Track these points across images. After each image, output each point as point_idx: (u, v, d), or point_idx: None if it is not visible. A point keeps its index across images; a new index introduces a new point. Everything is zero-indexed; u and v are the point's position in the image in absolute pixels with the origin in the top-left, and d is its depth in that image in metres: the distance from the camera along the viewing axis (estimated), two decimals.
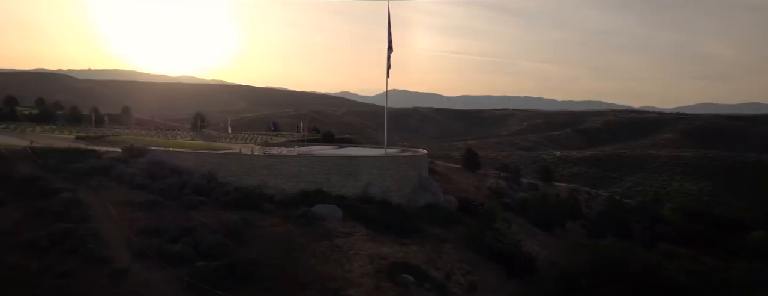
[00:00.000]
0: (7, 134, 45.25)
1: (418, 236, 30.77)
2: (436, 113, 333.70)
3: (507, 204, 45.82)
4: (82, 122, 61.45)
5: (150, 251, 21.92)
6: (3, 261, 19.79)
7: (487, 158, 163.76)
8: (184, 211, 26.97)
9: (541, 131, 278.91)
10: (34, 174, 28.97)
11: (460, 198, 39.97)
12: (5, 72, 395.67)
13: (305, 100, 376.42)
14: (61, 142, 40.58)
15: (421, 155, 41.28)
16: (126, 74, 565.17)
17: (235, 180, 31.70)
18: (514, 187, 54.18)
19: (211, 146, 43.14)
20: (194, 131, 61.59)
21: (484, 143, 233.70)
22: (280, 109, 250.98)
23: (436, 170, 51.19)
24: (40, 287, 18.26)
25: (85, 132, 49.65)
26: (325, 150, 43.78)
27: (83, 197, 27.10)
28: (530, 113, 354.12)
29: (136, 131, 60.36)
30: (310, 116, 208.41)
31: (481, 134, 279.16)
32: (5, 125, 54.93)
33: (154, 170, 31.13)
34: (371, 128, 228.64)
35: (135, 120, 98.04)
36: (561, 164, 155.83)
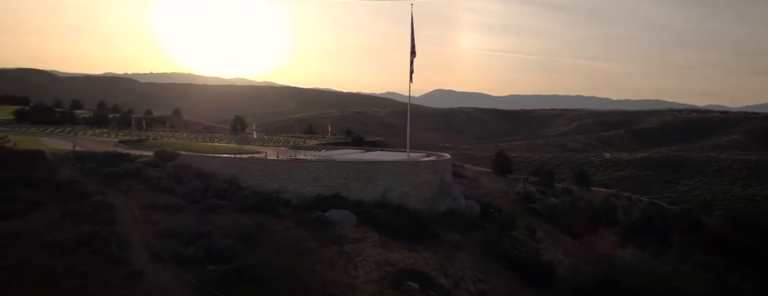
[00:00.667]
0: (59, 138, 48.79)
1: (433, 242, 30.81)
2: (482, 113, 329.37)
3: (535, 210, 44.95)
4: (130, 125, 65.24)
5: (165, 253, 23.21)
6: (31, 261, 21.51)
7: (531, 159, 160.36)
8: (203, 214, 28.25)
9: (592, 131, 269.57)
10: (72, 177, 31.22)
11: (483, 204, 39.53)
12: (78, 76, 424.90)
13: (351, 101, 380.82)
14: (103, 145, 43.28)
15: (443, 159, 41.14)
16: (183, 76, 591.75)
17: (256, 184, 32.85)
18: (546, 192, 52.91)
19: (241, 150, 44.81)
20: (233, 134, 63.95)
21: (529, 144, 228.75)
22: (325, 110, 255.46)
23: (463, 174, 50.85)
24: (58, 287, 19.70)
25: (128, 135, 52.82)
26: (349, 154, 44.43)
27: (113, 200, 28.95)
28: (580, 112, 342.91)
29: (177, 133, 63.39)
30: (354, 116, 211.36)
31: (528, 135, 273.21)
32: (61, 129, 59.19)
33: (181, 174, 32.76)
34: (414, 129, 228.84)
35: (184, 122, 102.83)
36: (610, 166, 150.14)
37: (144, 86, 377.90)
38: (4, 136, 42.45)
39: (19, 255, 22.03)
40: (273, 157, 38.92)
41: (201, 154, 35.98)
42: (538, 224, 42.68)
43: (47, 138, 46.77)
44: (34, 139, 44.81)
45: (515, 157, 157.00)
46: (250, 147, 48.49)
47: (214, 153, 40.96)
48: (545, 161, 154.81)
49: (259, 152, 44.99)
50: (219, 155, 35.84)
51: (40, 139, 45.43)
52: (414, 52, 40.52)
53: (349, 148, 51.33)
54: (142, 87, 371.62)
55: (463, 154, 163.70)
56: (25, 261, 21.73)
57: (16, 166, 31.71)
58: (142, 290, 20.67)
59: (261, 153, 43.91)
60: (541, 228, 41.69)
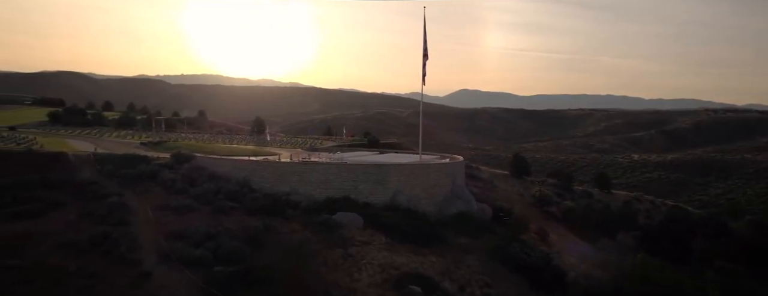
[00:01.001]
0: (85, 139, 50.59)
1: (441, 245, 30.77)
2: (506, 113, 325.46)
3: (550, 213, 44.33)
4: (155, 126, 67.06)
5: (174, 255, 23.87)
6: (46, 260, 22.44)
7: (556, 160, 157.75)
8: (214, 216, 28.88)
9: (621, 132, 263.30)
10: (91, 179, 32.40)
11: (496, 207, 39.23)
12: (113, 78, 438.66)
13: (374, 101, 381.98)
14: (126, 147, 44.68)
15: (455, 162, 40.96)
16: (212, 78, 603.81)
17: (268, 186, 33.43)
18: (564, 195, 52.09)
19: (258, 151, 45.55)
20: (253, 136, 65.05)
21: (555, 145, 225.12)
22: (348, 110, 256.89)
23: (479, 176, 50.49)
24: (68, 287, 20.44)
25: (150, 137, 54.34)
26: (362, 156, 44.66)
27: (128, 201, 29.90)
28: (609, 112, 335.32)
29: (198, 135, 64.81)
30: (376, 117, 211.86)
31: (554, 135, 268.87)
32: (88, 131, 61.27)
33: (195, 176, 33.59)
34: (437, 130, 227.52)
35: (209, 123, 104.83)
36: (638, 168, 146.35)
37: (174, 87, 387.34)
38: (33, 138, 44.31)
39: (35, 255, 22.98)
40: (286, 159, 39.41)
41: (215, 156, 36.79)
42: (553, 227, 42.11)
43: (74, 140, 48.57)
44: (60, 141, 46.58)
45: (540, 158, 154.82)
46: (267, 149, 49.26)
47: (230, 155, 41.83)
48: (570, 162, 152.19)
49: (275, 154, 45.66)
50: (232, 158, 36.58)
51: (67, 141, 47.19)
52: (426, 55, 40.53)
53: (364, 150, 51.54)
54: (172, 89, 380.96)
55: (486, 155, 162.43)
56: (40, 260, 22.64)
57: (39, 167, 33.08)
58: (148, 291, 21.22)
59: (277, 155, 44.57)
60: (555, 232, 41.12)
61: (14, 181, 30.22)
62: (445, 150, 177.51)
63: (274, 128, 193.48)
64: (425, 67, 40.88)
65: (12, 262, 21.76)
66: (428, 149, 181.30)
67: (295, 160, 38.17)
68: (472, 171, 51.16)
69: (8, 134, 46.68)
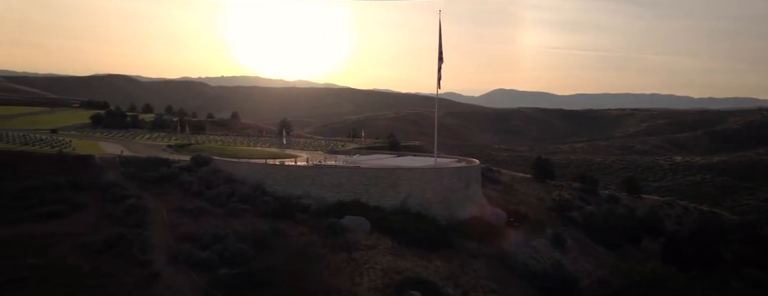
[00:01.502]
0: (117, 141, 52.97)
1: (449, 250, 30.68)
2: (542, 113, 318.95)
3: (570, 218, 43.41)
4: (181, 129, 69.48)
5: (182, 256, 24.83)
6: (63, 260, 23.75)
7: (592, 162, 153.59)
8: (225, 219, 29.80)
9: (664, 133, 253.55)
10: (114, 181, 34.00)
11: (510, 212, 38.76)
12: (158, 81, 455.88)
13: (408, 101, 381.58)
14: (153, 150, 46.56)
15: (469, 166, 40.66)
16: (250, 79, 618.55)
17: (281, 189, 34.18)
18: (588, 199, 50.83)
19: (277, 154, 46.55)
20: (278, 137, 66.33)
21: (592, 147, 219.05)
22: (381, 111, 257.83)
23: (499, 179, 49.94)
24: (81, 286, 21.59)
25: (177, 139, 56.42)
26: (379, 159, 44.94)
27: (147, 202, 31.22)
28: (652, 112, 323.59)
29: (225, 137, 66.68)
30: (408, 118, 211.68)
31: (592, 136, 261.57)
32: (122, 133, 64.09)
33: (211, 179, 34.71)
34: (468, 130, 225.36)
35: (241, 125, 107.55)
36: (680, 171, 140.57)
37: (214, 89, 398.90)
38: (68, 141, 46.86)
39: (55, 254, 24.39)
40: (303, 162, 40.13)
41: (232, 159, 37.84)
42: (572, 233, 41.22)
43: (106, 142, 50.95)
44: (94, 143, 48.96)
45: (575, 160, 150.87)
46: (288, 151, 50.26)
47: (250, 157, 42.93)
48: (607, 164, 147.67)
49: (294, 157, 46.56)
50: (247, 161, 37.51)
51: (100, 143, 49.55)
52: (441, 59, 40.35)
53: (383, 153, 51.82)
54: (212, 90, 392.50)
55: (518, 156, 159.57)
56: (59, 259, 24.02)
57: (68, 170, 34.97)
58: (155, 291, 22.14)
59: (296, 157, 45.43)
60: (573, 238, 40.24)
61: (43, 182, 32.09)
62: (476, 151, 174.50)
63: (306, 128, 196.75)
64: (440, 70, 40.68)
65: (33, 261, 23.18)
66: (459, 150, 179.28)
67: (307, 163, 38.79)
68: (492, 174, 50.65)
69: (47, 137, 49.47)
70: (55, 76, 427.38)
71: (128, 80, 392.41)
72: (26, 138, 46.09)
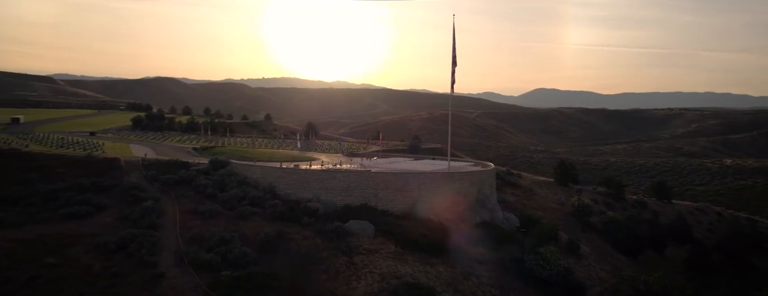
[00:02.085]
0: (147, 144, 55.34)
1: (454, 256, 30.57)
2: (583, 114, 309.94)
3: (590, 224, 42.30)
4: (204, 132, 71.78)
5: (187, 258, 25.87)
6: (79, 260, 25.19)
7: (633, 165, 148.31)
8: (234, 221, 30.72)
9: (716, 133, 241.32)
10: (135, 183, 35.61)
11: (523, 217, 38.17)
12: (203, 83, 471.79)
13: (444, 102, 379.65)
14: (178, 152, 48.41)
15: (482, 170, 40.30)
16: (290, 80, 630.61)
17: (292, 193, 34.94)
18: (613, 204, 49.30)
19: (296, 157, 47.50)
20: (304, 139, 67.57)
21: (635, 148, 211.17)
22: (415, 111, 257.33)
23: (518, 184, 49.16)
24: (91, 285, 22.82)
25: (202, 142, 58.44)
26: (395, 163, 45.16)
27: (163, 205, 32.59)
28: (703, 112, 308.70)
29: (254, 139, 68.41)
30: (442, 118, 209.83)
31: (636, 137, 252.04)
32: (154, 136, 66.87)
33: (226, 182, 35.83)
34: (505, 131, 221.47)
35: (273, 127, 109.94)
36: (730, 174, 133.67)
37: (254, 90, 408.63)
38: (101, 143, 49.44)
39: (72, 254, 25.89)
40: (318, 165, 40.80)
41: (247, 163, 38.87)
42: (590, 239, 40.21)
43: (137, 145, 53.33)
44: (124, 145, 51.34)
45: (614, 162, 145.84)
46: (308, 154, 51.18)
47: (270, 160, 44.00)
48: (650, 166, 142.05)
49: (314, 159, 47.45)
50: (262, 164, 38.43)
51: (131, 145, 51.91)
52: (455, 62, 40.16)
53: (402, 156, 51.97)
54: (253, 91, 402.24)
55: (554, 157, 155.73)
56: (75, 259, 25.47)
57: (94, 172, 36.89)
58: (158, 291, 23.11)
59: (313, 160, 46.27)
60: (591, 244, 39.24)
61: (70, 185, 34.04)
62: (511, 152, 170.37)
63: (342, 129, 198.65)
64: (454, 74, 40.51)
65: (51, 260, 24.73)
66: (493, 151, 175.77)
67: (321, 167, 39.42)
68: (511, 178, 49.90)
69: (83, 140, 52.30)
70: (110, 79, 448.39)
71: (175, 83, 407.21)
72: (63, 141, 48.91)
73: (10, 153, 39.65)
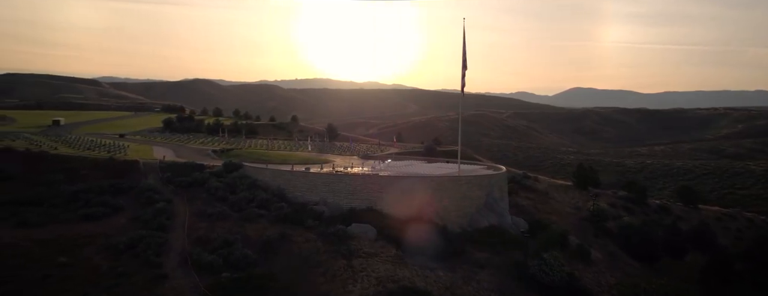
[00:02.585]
0: (171, 146, 57.28)
1: (456, 260, 30.55)
2: (620, 114, 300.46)
3: (605, 229, 41.34)
4: (221, 134, 73.43)
5: (190, 259, 26.75)
6: (89, 260, 26.39)
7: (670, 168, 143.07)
8: (240, 223, 31.55)
9: (764, 135, 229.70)
10: (151, 185, 37.03)
11: (533, 221, 37.67)
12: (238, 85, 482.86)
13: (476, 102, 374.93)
14: (198, 154, 49.90)
15: (491, 174, 39.93)
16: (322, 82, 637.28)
17: (300, 195, 35.59)
18: (634, 209, 47.94)
19: (310, 159, 48.25)
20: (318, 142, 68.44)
21: (673, 150, 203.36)
22: (445, 112, 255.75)
23: (534, 187, 48.44)
24: (96, 284, 23.84)
25: (225, 144, 59.97)
26: (408, 165, 45.27)
27: (175, 206, 33.76)
28: (751, 112, 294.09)
29: (275, 141, 69.74)
30: (471, 119, 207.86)
31: (676, 138, 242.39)
32: (178, 138, 69.05)
33: (237, 184, 36.79)
34: (536, 131, 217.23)
35: (299, 128, 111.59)
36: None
37: (286, 91, 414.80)
38: (126, 145, 51.55)
39: (84, 254, 27.08)
40: (328, 168, 41.35)
41: (259, 166, 39.71)
42: (604, 244, 39.34)
43: (160, 147, 55.27)
44: (148, 148, 53.33)
45: (650, 164, 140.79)
46: (324, 156, 51.86)
47: (284, 163, 44.83)
48: (688, 169, 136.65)
49: (327, 162, 48.10)
50: (272, 167, 39.15)
51: (154, 147, 53.87)
52: (465, 66, 39.95)
53: (416, 158, 52.02)
54: (285, 93, 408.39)
55: (587, 159, 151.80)
56: (86, 259, 26.65)
57: (114, 174, 38.55)
58: (160, 292, 23.88)
59: (329, 163, 46.94)
60: (605, 250, 38.38)
61: (91, 186, 35.69)
62: (541, 153, 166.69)
63: (371, 130, 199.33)
64: (464, 77, 40.31)
65: (62, 260, 25.96)
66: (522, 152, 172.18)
67: (326, 170, 39.85)
68: (527, 182, 49.19)
69: (111, 142, 54.61)
70: (151, 81, 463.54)
71: (210, 84, 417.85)
72: (92, 143, 51.20)
73: (40, 155, 41.87)
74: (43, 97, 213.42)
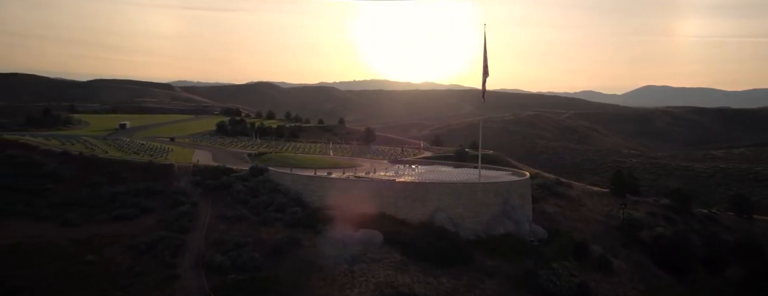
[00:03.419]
0: (209, 149, 60.32)
1: (462, 267, 30.43)
2: (695, 114, 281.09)
3: (637, 239, 39.41)
4: (254, 137, 75.86)
5: (201, 261, 28.34)
6: (113, 259, 28.61)
7: (746, 173, 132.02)
8: (256, 226, 32.93)
9: None
10: (182, 188, 39.40)
11: (552, 229, 36.61)
12: (296, 87, 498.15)
13: (536, 101, 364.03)
14: (233, 157, 52.37)
15: (510, 181, 39.09)
16: (379, 83, 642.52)
17: (317, 200, 36.54)
18: (675, 218, 45.21)
19: (337, 163, 49.30)
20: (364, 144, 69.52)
21: (755, 153, 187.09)
22: (500, 113, 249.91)
23: (565, 194, 46.88)
24: (113, 282, 25.81)
25: (265, 147, 62.31)
26: (432, 170, 45.29)
27: (199, 209, 35.77)
28: None
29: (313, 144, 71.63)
30: (527, 120, 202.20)
31: (759, 141, 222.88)
32: (221, 141, 72.55)
33: (258, 188, 38.36)
34: (598, 133, 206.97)
35: (346, 130, 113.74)
36: None
37: (343, 93, 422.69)
38: (169, 149, 55.05)
39: (109, 253, 29.31)
40: (350, 173, 42.16)
41: (282, 170, 40.99)
42: (631, 255, 37.53)
43: (202, 150, 58.44)
44: (190, 151, 56.56)
45: (725, 168, 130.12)
46: (356, 160, 52.79)
47: (311, 167, 46.09)
48: None
49: (356, 166, 49.04)
50: (297, 172, 40.19)
51: (196, 151, 57.09)
52: (486, 73, 39.52)
53: (445, 163, 51.71)
54: (341, 94, 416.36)
55: (652, 163, 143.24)
56: (110, 258, 28.80)
57: (150, 177, 41.38)
58: (169, 292, 25.49)
59: (357, 167, 47.87)
60: (632, 260, 36.62)
61: (128, 188, 38.59)
62: (599, 157, 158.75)
63: (424, 131, 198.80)
64: (485, 84, 39.93)
65: (90, 258, 28.30)
66: (580, 155, 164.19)
67: (353, 175, 40.64)
68: (558, 188, 47.59)
69: (158, 145, 58.29)
70: (219, 85, 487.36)
71: (272, 87, 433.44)
72: (139, 147, 55.02)
73: (91, 159, 45.69)
74: (122, 100, 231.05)
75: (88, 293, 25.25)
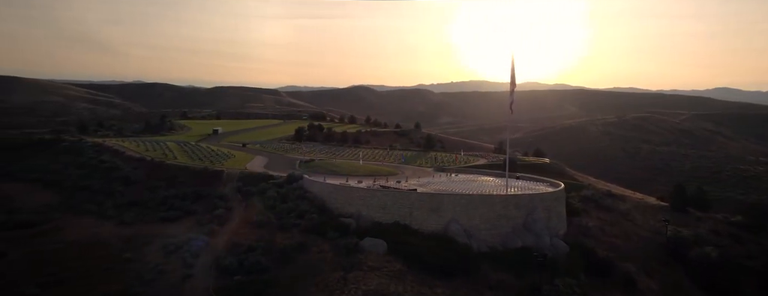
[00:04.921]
0: (267, 155, 64.16)
1: (465, 279, 30.09)
2: None
3: (683, 258, 35.82)
4: (347, 140, 78.43)
5: (213, 262, 30.99)
6: (145, 257, 32.26)
7: None
8: (274, 232, 35.07)
9: None
10: (225, 193, 42.95)
11: (574, 244, 34.53)
12: (391, 90, 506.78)
13: (647, 101, 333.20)
14: (286, 164, 55.53)
15: (531, 194, 37.33)
16: (477, 84, 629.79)
17: (340, 207, 37.93)
18: (742, 237, 40.10)
19: (377, 171, 50.29)
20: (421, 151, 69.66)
21: None
22: (604, 114, 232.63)
23: (613, 207, 43.66)
24: (137, 278, 28.95)
25: (319, 153, 65.02)
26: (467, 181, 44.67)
27: (231, 213, 38.96)
28: None
29: (370, 150, 73.03)
30: (633, 122, 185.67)
31: None
32: (283, 147, 76.64)
33: (288, 195, 40.72)
34: (722, 136, 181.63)
35: (420, 135, 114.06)
36: None
37: (437, 96, 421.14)
38: (234, 154, 59.88)
39: (144, 252, 32.91)
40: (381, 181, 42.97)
41: (314, 179, 42.75)
42: (670, 275, 34.22)
43: (261, 156, 62.63)
44: (251, 157, 60.97)
45: None
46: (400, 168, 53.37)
47: (350, 174, 47.69)
48: None
49: (395, 174, 49.85)
50: (321, 181, 41.85)
51: (256, 157, 61.39)
52: (513, 89, 38.74)
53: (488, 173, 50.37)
54: (435, 97, 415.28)
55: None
56: (143, 256, 32.20)
57: (201, 182, 45.70)
58: (179, 291, 28.17)
59: (396, 174, 48.66)
60: (667, 280, 33.41)
61: (178, 192, 43.11)
62: (716, 164, 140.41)
63: (516, 134, 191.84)
64: (513, 94, 38.92)
65: (127, 256, 32.26)
66: (690, 162, 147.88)
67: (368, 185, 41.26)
68: (606, 201, 44.25)
69: (226, 151, 63.38)
70: (321, 89, 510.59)
71: (368, 91, 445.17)
72: (206, 153, 60.33)
73: (157, 164, 51.53)
74: (234, 106, 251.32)
75: (115, 286, 28.95)
